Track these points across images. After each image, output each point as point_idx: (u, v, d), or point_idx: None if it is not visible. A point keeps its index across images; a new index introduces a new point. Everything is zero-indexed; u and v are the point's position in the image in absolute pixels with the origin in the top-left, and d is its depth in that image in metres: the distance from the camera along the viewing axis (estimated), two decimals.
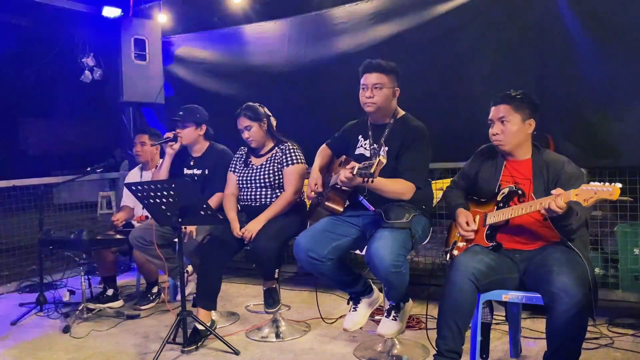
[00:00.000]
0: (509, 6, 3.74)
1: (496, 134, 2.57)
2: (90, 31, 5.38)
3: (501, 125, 2.55)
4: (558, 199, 2.19)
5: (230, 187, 3.57)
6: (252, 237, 3.24)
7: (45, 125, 14.62)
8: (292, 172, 3.40)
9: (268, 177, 3.42)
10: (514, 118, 2.53)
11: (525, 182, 2.54)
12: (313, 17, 4.71)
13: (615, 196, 2.07)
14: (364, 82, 2.88)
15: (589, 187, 2.12)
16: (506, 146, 2.58)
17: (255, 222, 3.28)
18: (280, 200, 3.37)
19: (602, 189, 2.09)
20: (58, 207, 5.43)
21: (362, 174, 2.45)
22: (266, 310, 3.40)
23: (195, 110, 3.79)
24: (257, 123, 3.43)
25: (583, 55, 3.47)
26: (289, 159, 3.42)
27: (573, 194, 2.15)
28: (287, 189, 3.40)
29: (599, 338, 3.09)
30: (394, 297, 2.86)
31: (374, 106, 2.87)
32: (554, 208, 2.20)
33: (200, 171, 3.79)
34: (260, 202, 3.43)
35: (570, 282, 2.19)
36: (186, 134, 3.72)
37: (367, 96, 2.86)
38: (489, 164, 2.69)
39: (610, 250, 3.72)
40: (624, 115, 3.37)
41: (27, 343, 3.45)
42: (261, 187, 3.44)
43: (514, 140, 2.56)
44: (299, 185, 3.41)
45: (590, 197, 2.11)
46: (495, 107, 2.59)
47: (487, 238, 2.54)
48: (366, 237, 2.82)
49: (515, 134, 2.54)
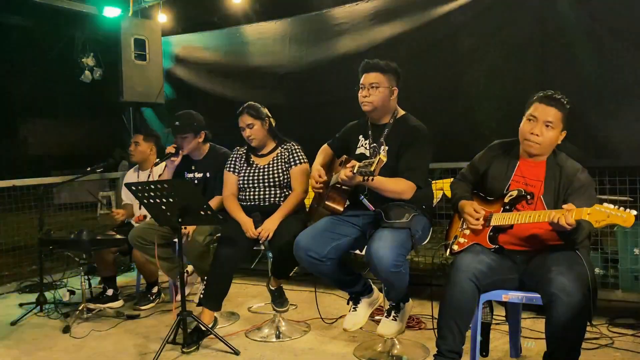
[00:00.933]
0: (509, 6, 3.74)
1: (536, 135, 2.43)
2: (90, 31, 5.38)
3: (544, 129, 2.43)
4: (568, 215, 2.14)
5: (230, 188, 3.53)
6: (270, 236, 3.24)
7: (45, 125, 14.63)
8: (300, 171, 3.43)
9: (277, 176, 3.42)
10: (558, 127, 2.43)
11: (537, 184, 2.49)
12: (314, 17, 4.71)
13: (629, 224, 2.01)
14: (362, 81, 2.89)
15: (602, 208, 2.06)
16: (537, 151, 2.47)
17: (271, 221, 3.27)
18: (292, 199, 3.39)
19: (616, 213, 2.03)
20: (58, 207, 5.43)
21: (362, 173, 2.45)
22: (277, 309, 3.40)
23: (191, 117, 3.76)
24: (260, 121, 3.43)
25: (583, 55, 3.47)
26: (296, 159, 3.45)
27: (585, 212, 2.10)
28: (296, 188, 3.42)
29: (599, 338, 3.09)
30: (394, 297, 2.86)
31: (370, 105, 2.87)
32: (563, 224, 2.15)
33: (201, 174, 3.79)
34: (270, 201, 3.42)
35: (569, 282, 2.18)
36: (186, 144, 3.73)
37: (363, 95, 2.87)
38: (501, 161, 2.62)
39: (610, 250, 3.72)
40: (624, 115, 3.37)
41: (27, 343, 3.45)
42: (270, 187, 3.43)
43: (548, 149, 2.48)
44: (306, 184, 3.42)
45: (603, 220, 2.05)
46: (547, 107, 2.43)
47: (490, 240, 2.50)
48: (366, 237, 2.82)
49: (552, 142, 2.46)
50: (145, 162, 4.34)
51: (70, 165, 9.89)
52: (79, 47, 5.42)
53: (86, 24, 5.36)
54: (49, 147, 14.23)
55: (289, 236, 3.07)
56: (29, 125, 14.76)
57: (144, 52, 5.13)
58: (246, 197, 3.48)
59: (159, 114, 5.64)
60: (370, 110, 2.90)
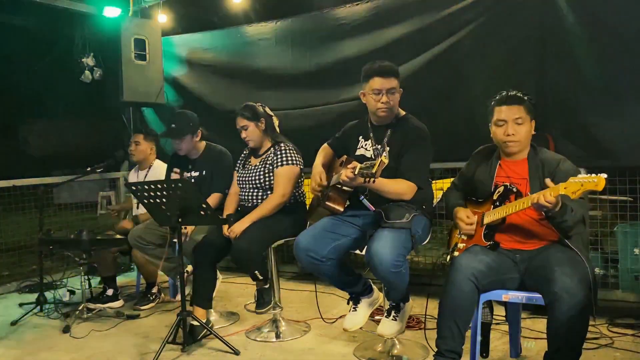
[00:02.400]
0: (510, 7, 3.74)
1: (512, 135, 2.53)
2: (90, 31, 5.38)
3: (516, 127, 2.52)
4: (547, 192, 2.19)
5: (234, 186, 3.60)
6: (237, 237, 3.24)
7: (45, 125, 14.64)
8: (282, 173, 3.35)
9: (259, 177, 3.41)
10: (526, 119, 2.53)
11: (522, 182, 2.54)
12: (314, 17, 4.70)
13: (600, 186, 2.07)
14: (378, 86, 2.80)
15: (576, 179, 2.12)
16: (517, 148, 2.57)
17: (239, 223, 3.27)
18: (267, 203, 3.33)
19: (588, 180, 2.09)
20: (58, 207, 5.44)
21: (363, 174, 2.45)
22: (256, 310, 3.41)
23: (187, 118, 3.77)
24: (254, 123, 3.42)
25: (583, 55, 3.47)
26: (281, 160, 3.37)
27: (561, 187, 2.15)
28: (275, 190, 3.35)
29: (599, 338, 3.09)
30: (394, 297, 2.86)
31: (390, 112, 2.85)
32: (542, 202, 2.20)
33: (198, 173, 3.81)
34: (252, 202, 3.43)
35: (572, 282, 2.19)
36: (185, 145, 3.76)
37: (382, 102, 2.81)
38: (484, 164, 2.70)
39: (610, 250, 3.72)
40: (623, 115, 3.37)
41: (27, 343, 3.45)
42: (254, 188, 3.44)
43: (526, 142, 2.56)
44: (288, 187, 3.34)
45: (578, 190, 2.11)
46: (509, 107, 2.53)
47: (485, 237, 2.55)
48: (366, 237, 2.82)
49: (527, 135, 2.55)
50: (145, 162, 4.35)
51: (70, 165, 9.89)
52: (79, 47, 5.42)
53: (86, 24, 5.35)
54: (49, 147, 14.24)
55: (247, 240, 3.14)
56: (29, 125, 14.76)
57: (144, 52, 5.13)
58: (242, 197, 3.52)
59: (159, 114, 5.63)
60: (387, 115, 2.87)
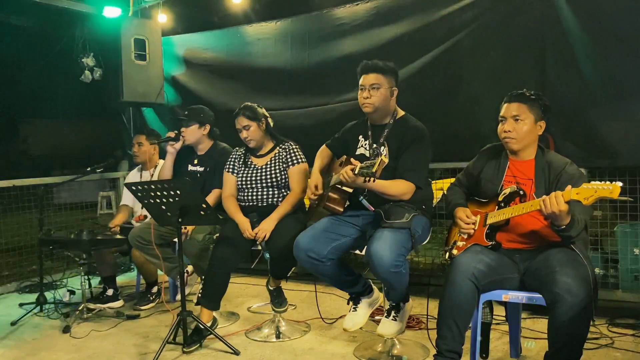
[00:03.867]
0: (510, 7, 3.74)
1: (508, 132, 2.55)
2: (90, 31, 5.38)
3: (514, 124, 2.55)
4: (559, 197, 2.18)
5: (230, 189, 3.53)
6: (266, 237, 3.23)
7: (45, 125, 14.62)
8: (298, 171, 3.42)
9: (275, 176, 3.42)
10: (528, 118, 2.54)
11: (527, 182, 2.54)
12: (314, 17, 4.70)
13: (615, 194, 2.07)
14: (362, 82, 2.89)
15: (589, 185, 2.12)
16: (515, 145, 2.57)
17: (268, 222, 3.26)
18: (290, 199, 3.38)
19: (602, 187, 2.09)
20: (58, 207, 5.43)
21: (363, 174, 2.45)
22: (275, 310, 3.40)
23: (200, 110, 3.86)
24: (256, 122, 3.43)
25: (583, 55, 3.47)
26: (294, 159, 3.44)
27: (574, 192, 2.15)
28: (294, 188, 3.41)
29: (599, 338, 3.09)
30: (394, 297, 2.86)
31: (372, 107, 2.87)
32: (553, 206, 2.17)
33: (203, 168, 3.84)
34: (267, 202, 3.42)
35: (573, 282, 2.19)
36: (190, 132, 3.80)
37: (364, 97, 2.87)
38: (492, 163, 2.69)
39: (610, 250, 3.72)
40: (623, 115, 3.37)
41: (27, 343, 3.45)
42: (268, 187, 3.43)
43: (525, 141, 2.56)
44: (304, 184, 3.41)
45: (591, 196, 2.11)
46: (509, 104, 2.57)
47: (487, 237, 2.54)
48: (366, 237, 2.82)
49: (526, 134, 2.55)
50: (150, 162, 4.37)
51: (70, 165, 9.89)
52: (79, 47, 5.42)
53: (86, 24, 5.35)
54: (49, 147, 14.21)
55: (287, 237, 3.08)
56: (29, 125, 14.74)
57: (144, 52, 5.13)
58: (245, 197, 3.48)
59: (159, 114, 5.64)
60: (371, 111, 2.90)
